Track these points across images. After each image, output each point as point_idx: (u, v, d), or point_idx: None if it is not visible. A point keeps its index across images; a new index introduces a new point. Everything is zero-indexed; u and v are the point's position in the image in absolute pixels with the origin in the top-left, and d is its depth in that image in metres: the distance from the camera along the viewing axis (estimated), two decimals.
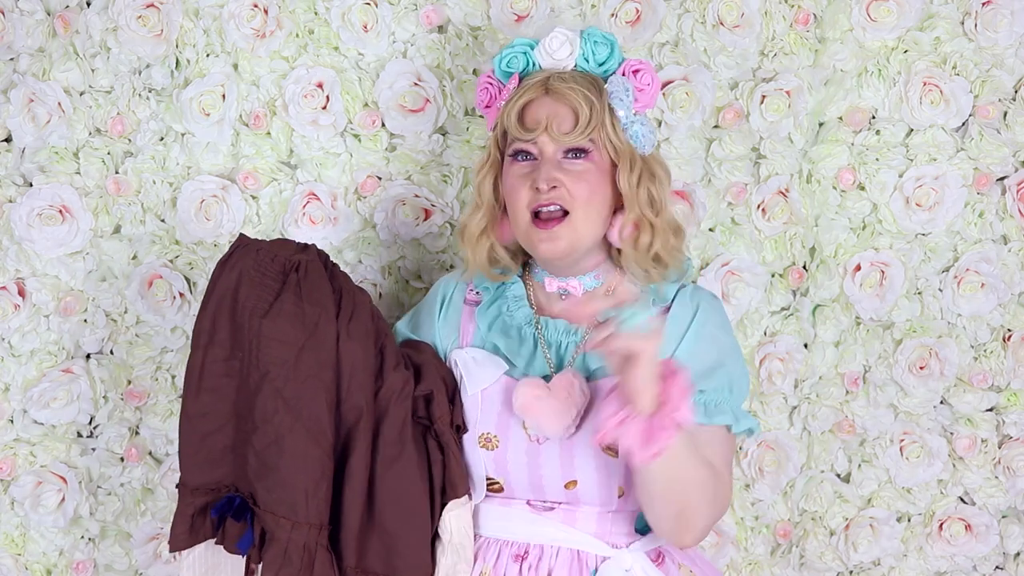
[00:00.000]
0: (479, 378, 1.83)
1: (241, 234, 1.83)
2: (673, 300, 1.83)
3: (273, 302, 1.74)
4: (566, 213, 1.77)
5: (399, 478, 1.77)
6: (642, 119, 1.81)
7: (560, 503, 1.80)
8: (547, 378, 1.79)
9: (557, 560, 1.78)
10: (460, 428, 1.82)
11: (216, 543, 1.79)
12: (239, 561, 1.80)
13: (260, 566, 1.73)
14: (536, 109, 1.79)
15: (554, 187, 1.76)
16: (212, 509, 1.77)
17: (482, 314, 1.88)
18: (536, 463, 1.78)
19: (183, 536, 1.78)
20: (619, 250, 1.82)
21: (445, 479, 1.80)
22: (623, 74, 1.82)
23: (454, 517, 1.80)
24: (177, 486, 1.79)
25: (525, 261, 1.91)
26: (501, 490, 1.81)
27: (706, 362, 1.77)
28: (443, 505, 1.80)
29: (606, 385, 1.75)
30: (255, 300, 1.74)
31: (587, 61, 1.82)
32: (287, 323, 1.73)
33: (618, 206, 1.81)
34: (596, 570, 1.77)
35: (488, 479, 1.81)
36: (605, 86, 1.80)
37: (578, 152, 1.78)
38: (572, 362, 1.81)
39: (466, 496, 1.82)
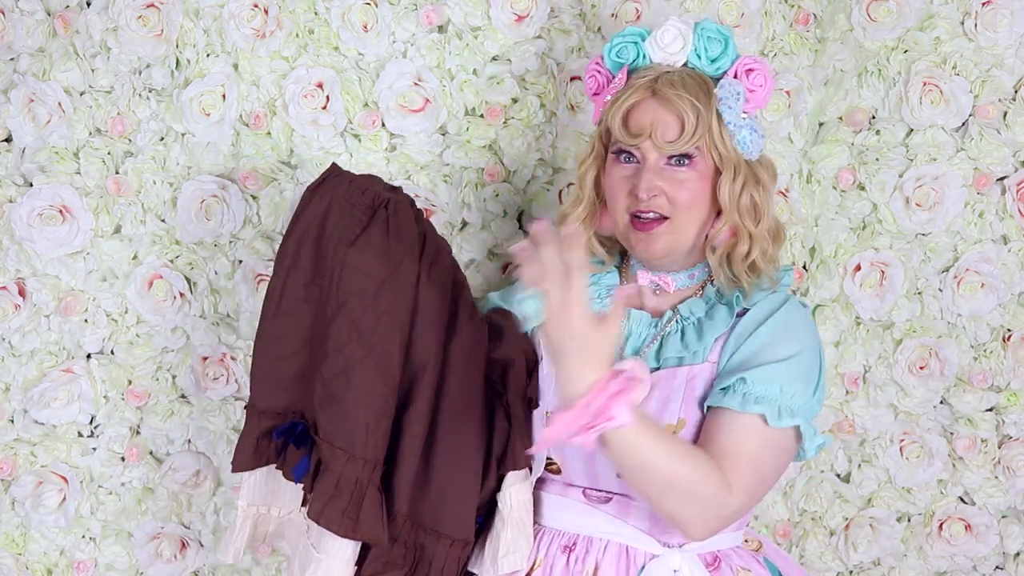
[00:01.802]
0: None
1: (333, 163, 1.85)
2: (754, 305, 1.80)
3: (360, 234, 1.74)
4: (666, 218, 1.77)
5: (457, 432, 1.77)
6: (751, 122, 1.78)
7: (615, 494, 1.80)
8: None
9: (605, 554, 1.78)
10: (532, 402, 1.83)
11: (276, 468, 1.79)
12: (297, 490, 1.81)
13: (311, 496, 1.72)
14: (641, 113, 1.76)
15: (654, 195, 1.76)
16: (275, 432, 1.77)
17: None
18: (592, 447, 1.77)
19: (247, 458, 1.79)
20: (713, 249, 1.81)
21: (507, 449, 1.80)
22: (735, 74, 1.78)
23: (515, 492, 1.80)
24: (245, 407, 1.81)
25: (623, 251, 1.90)
26: (559, 472, 1.83)
27: (763, 357, 1.74)
28: (500, 475, 1.80)
29: (668, 376, 1.77)
30: (343, 229, 1.74)
31: (699, 58, 1.79)
32: (372, 256, 1.72)
33: (720, 209, 1.79)
34: (643, 567, 1.77)
35: (548, 458, 1.82)
36: (715, 90, 1.76)
37: (682, 159, 1.76)
38: (645, 353, 1.81)
39: (527, 470, 1.82)
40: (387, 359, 1.72)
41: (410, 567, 1.77)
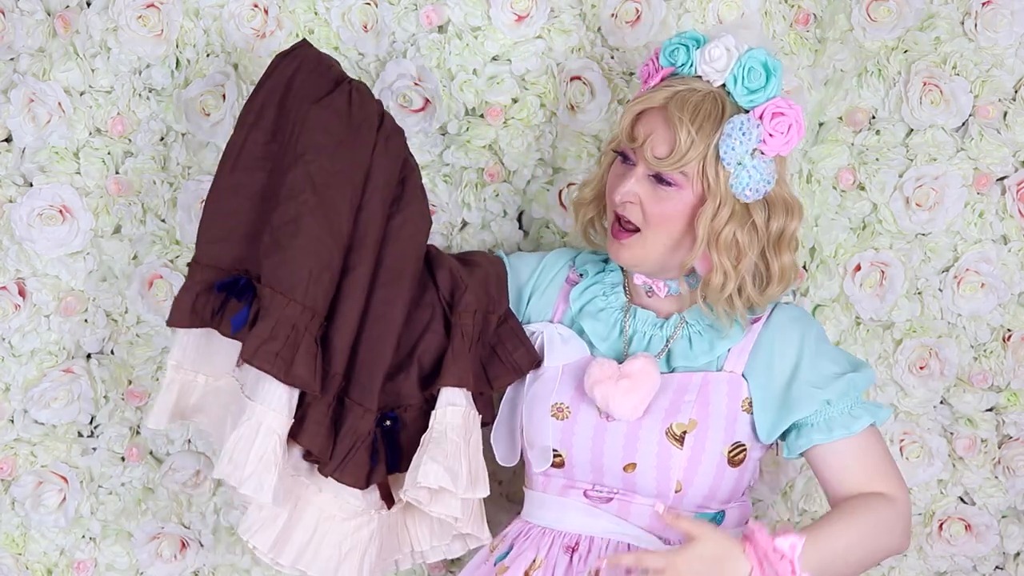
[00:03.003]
0: (562, 354, 1.88)
1: (304, 39, 1.90)
2: (768, 316, 1.87)
3: (325, 95, 1.80)
4: (638, 229, 1.80)
5: (384, 302, 1.81)
6: (758, 163, 1.77)
7: (617, 492, 1.82)
8: (622, 362, 1.83)
9: (607, 553, 1.80)
10: (538, 364, 1.89)
11: (213, 327, 1.81)
12: (227, 357, 1.82)
13: (247, 338, 1.74)
14: (646, 122, 1.79)
15: (629, 201, 1.79)
16: (217, 284, 1.80)
17: (576, 296, 1.92)
18: (600, 439, 1.81)
19: (184, 314, 1.81)
20: (691, 274, 1.85)
21: (441, 364, 1.83)
22: (761, 115, 1.77)
23: (440, 414, 1.83)
24: (188, 264, 1.83)
25: None
26: (562, 465, 1.85)
27: (827, 373, 1.82)
28: (431, 391, 1.84)
29: (683, 379, 1.81)
30: (309, 87, 1.81)
31: (735, 83, 1.78)
32: (334, 115, 1.79)
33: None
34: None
35: (554, 450, 1.85)
36: (724, 125, 1.76)
37: (667, 181, 1.78)
38: (657, 358, 1.84)
39: (462, 392, 1.84)
40: (337, 215, 1.76)
41: (328, 429, 1.80)
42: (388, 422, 1.84)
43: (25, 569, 2.16)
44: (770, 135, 1.77)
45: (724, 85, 1.79)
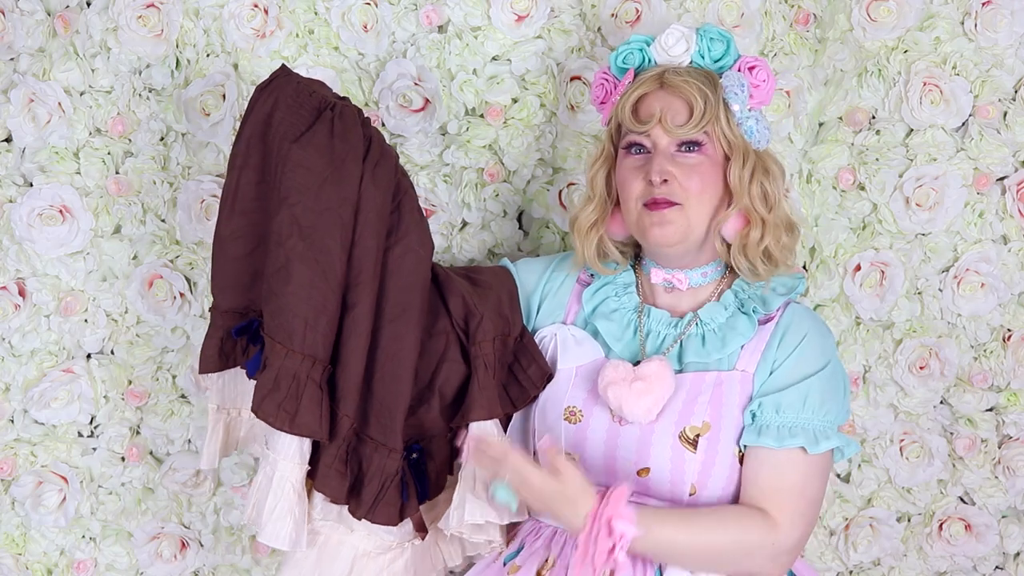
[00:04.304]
0: (575, 355, 1.87)
1: (283, 64, 1.86)
2: (781, 315, 1.84)
3: (305, 131, 1.75)
4: (678, 204, 1.80)
5: (394, 338, 1.77)
6: (757, 115, 1.83)
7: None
8: (637, 364, 1.82)
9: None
10: (550, 378, 1.86)
11: (241, 367, 1.80)
12: None
13: (254, 390, 1.73)
14: (650, 102, 1.81)
15: (665, 180, 1.79)
16: (233, 330, 1.78)
17: (589, 297, 1.92)
18: (614, 443, 1.81)
19: (212, 359, 1.80)
20: (729, 245, 1.83)
21: (469, 398, 1.82)
22: (739, 70, 1.83)
23: None
24: (210, 310, 1.82)
25: (636, 252, 1.93)
26: None
27: (788, 380, 1.79)
28: (457, 424, 1.82)
29: (696, 380, 1.80)
30: (288, 126, 1.76)
31: (702, 57, 1.84)
32: (315, 152, 1.74)
33: (731, 200, 1.82)
34: (660, 569, 1.78)
35: (567, 453, 1.83)
36: (720, 80, 1.81)
37: (692, 145, 1.80)
38: (667, 352, 1.84)
39: (492, 423, 1.83)
40: (328, 256, 1.72)
41: (353, 477, 1.78)
42: (414, 454, 1.83)
43: (25, 569, 2.16)
44: (755, 86, 1.83)
45: (691, 63, 1.84)
